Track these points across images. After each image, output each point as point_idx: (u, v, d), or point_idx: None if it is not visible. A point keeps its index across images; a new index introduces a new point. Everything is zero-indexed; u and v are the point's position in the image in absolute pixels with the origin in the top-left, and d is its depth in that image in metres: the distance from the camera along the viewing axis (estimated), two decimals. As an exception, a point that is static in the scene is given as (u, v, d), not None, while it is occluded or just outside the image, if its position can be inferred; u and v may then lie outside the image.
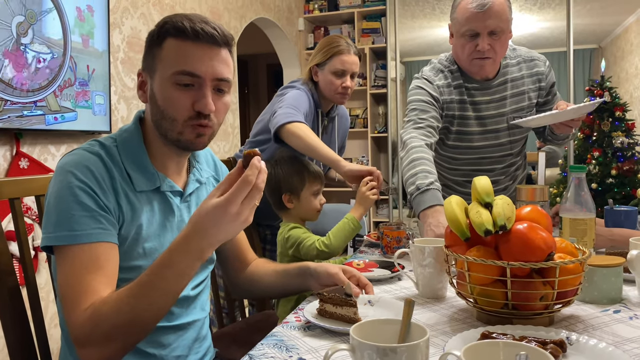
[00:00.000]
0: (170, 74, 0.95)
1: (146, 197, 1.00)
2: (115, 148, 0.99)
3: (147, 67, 1.01)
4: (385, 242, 1.55)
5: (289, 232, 1.58)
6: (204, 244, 0.84)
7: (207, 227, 0.82)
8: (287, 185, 1.63)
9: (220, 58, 0.98)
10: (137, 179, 0.99)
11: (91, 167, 0.93)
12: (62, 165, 0.95)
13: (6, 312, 1.01)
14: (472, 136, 1.78)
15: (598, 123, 4.40)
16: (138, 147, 1.01)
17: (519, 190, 1.39)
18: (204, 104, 0.96)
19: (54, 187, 0.93)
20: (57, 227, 0.89)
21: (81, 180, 0.91)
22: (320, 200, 1.65)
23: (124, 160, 0.99)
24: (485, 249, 0.95)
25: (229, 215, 0.81)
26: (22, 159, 2.11)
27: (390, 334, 0.67)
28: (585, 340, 0.80)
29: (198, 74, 0.95)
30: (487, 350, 0.60)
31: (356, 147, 5.26)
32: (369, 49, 4.91)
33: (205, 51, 0.96)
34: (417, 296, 1.14)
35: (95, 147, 0.98)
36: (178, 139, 0.99)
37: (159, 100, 0.97)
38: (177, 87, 0.96)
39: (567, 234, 1.24)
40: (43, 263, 2.15)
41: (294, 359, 0.83)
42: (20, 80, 2.03)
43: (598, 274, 1.04)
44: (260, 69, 7.63)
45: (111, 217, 0.94)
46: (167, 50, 0.97)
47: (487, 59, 1.67)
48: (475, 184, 1.01)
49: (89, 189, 0.91)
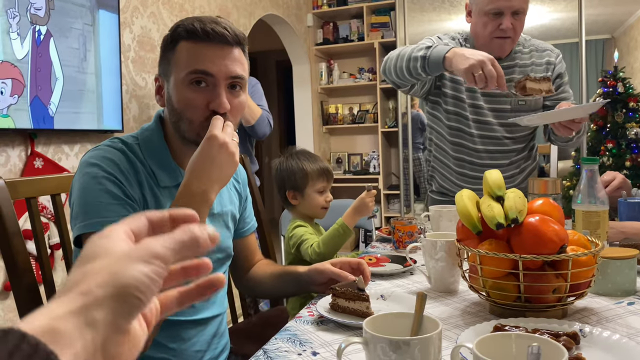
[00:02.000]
0: (184, 74, 0.97)
1: (169, 193, 1.02)
2: (137, 146, 1.02)
3: (163, 72, 1.03)
4: (397, 236, 1.55)
5: (293, 231, 1.58)
6: (204, 183, 0.89)
7: (200, 165, 0.89)
8: (291, 182, 1.63)
9: (233, 57, 0.99)
10: (160, 175, 1.01)
11: (115, 160, 0.96)
12: (86, 159, 0.97)
13: (25, 308, 1.03)
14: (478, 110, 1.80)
15: (611, 114, 4.35)
16: (160, 144, 1.04)
17: (531, 183, 1.38)
18: (219, 103, 0.97)
19: (79, 181, 0.95)
20: (86, 216, 0.92)
21: (106, 171, 0.94)
22: (327, 197, 1.65)
23: (147, 157, 1.01)
24: (497, 242, 0.95)
25: (215, 146, 0.89)
26: (36, 159, 2.14)
27: (403, 327, 0.67)
28: (599, 332, 0.80)
29: (211, 72, 0.97)
30: (499, 342, 0.60)
31: (367, 142, 5.25)
32: (379, 43, 4.89)
33: (216, 51, 0.97)
34: (430, 290, 1.14)
35: (118, 144, 1.01)
36: (195, 141, 1.00)
37: (175, 103, 0.99)
38: (191, 88, 0.97)
39: (580, 226, 1.24)
40: (59, 261, 2.18)
41: (307, 352, 0.84)
42: (33, 79, 2.05)
43: (612, 266, 1.04)
44: (270, 65, 7.64)
45: (137, 206, 0.96)
46: (180, 52, 0.99)
47: (507, 39, 1.71)
48: (486, 177, 1.01)
49: (115, 179, 0.94)
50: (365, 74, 5.09)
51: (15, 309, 1.49)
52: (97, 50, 2.36)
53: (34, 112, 2.05)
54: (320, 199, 1.63)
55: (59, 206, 1.18)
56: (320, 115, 5.22)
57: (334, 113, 5.26)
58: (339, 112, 5.26)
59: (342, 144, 5.36)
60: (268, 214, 1.82)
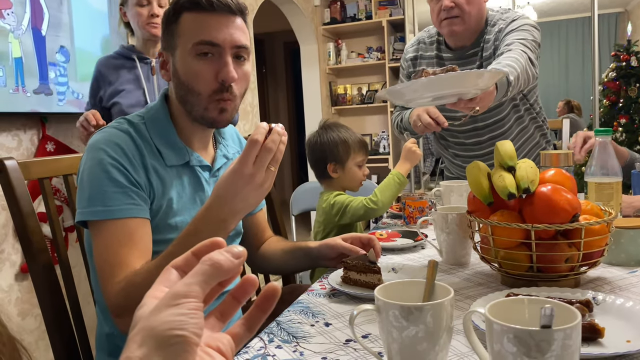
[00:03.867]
0: (190, 46, 0.97)
1: (176, 172, 1.02)
2: (143, 125, 1.02)
3: (167, 46, 1.02)
4: (407, 212, 1.55)
5: (335, 199, 1.57)
6: (225, 213, 0.85)
7: (225, 193, 0.84)
8: (333, 155, 1.61)
9: (237, 25, 0.99)
10: (167, 154, 1.01)
11: (121, 144, 0.96)
12: (92, 142, 0.97)
13: (42, 288, 1.05)
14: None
15: (625, 89, 4.29)
16: (166, 123, 1.03)
17: (543, 156, 1.37)
18: (227, 72, 0.96)
19: (86, 164, 0.96)
20: (90, 202, 0.92)
21: (112, 157, 0.94)
22: (364, 171, 1.65)
23: (153, 137, 1.01)
24: (509, 212, 0.95)
25: (243, 179, 0.82)
26: (48, 142, 2.16)
27: (415, 295, 0.67)
28: (612, 300, 0.80)
29: (217, 42, 0.96)
30: (512, 307, 0.60)
31: (376, 122, 5.22)
32: (387, 21, 4.83)
33: (221, 20, 0.97)
34: (441, 263, 1.14)
35: (124, 125, 1.00)
36: (202, 116, 1.00)
37: (182, 76, 0.99)
38: (198, 59, 0.97)
39: (593, 199, 1.22)
40: (73, 243, 2.21)
41: (320, 324, 0.85)
42: (41, 64, 2.06)
43: (625, 236, 1.03)
44: (277, 47, 7.59)
45: (142, 192, 0.96)
46: (184, 24, 0.98)
47: (454, 18, 1.62)
48: (498, 148, 1.00)
49: (120, 166, 0.94)
50: (373, 53, 5.04)
51: (32, 290, 1.52)
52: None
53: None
54: (359, 172, 1.64)
55: (71, 187, 1.20)
56: (329, 96, 5.19)
57: (343, 93, 5.23)
58: (347, 92, 5.23)
59: (352, 124, 5.30)
60: (279, 195, 1.82)
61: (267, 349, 0.77)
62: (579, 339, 0.53)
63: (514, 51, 1.45)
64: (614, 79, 4.36)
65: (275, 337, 0.81)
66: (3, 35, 1.91)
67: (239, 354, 0.75)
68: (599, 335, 0.69)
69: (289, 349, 0.76)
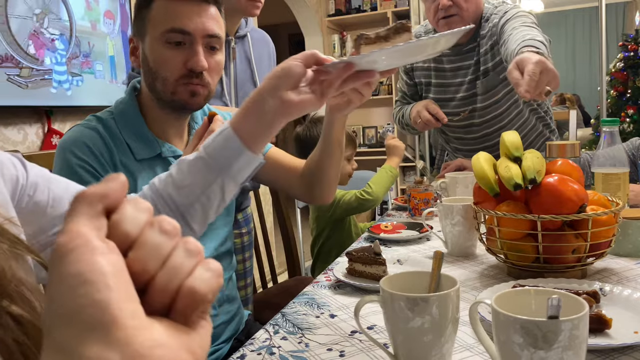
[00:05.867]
0: (160, 33, 0.94)
1: (148, 165, 1.00)
2: (112, 120, 1.00)
3: (138, 32, 1.00)
4: (412, 204, 1.54)
5: None
6: None
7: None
8: None
9: (210, 14, 0.96)
10: (137, 148, 0.99)
11: (88, 143, 0.94)
12: (61, 143, 0.96)
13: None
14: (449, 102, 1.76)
15: (632, 79, 4.24)
16: (135, 116, 1.02)
17: (549, 147, 1.36)
18: (196, 61, 0.94)
19: (56, 167, 0.95)
20: None
21: (80, 158, 0.93)
22: (352, 165, 1.66)
23: (122, 131, 0.99)
24: (515, 203, 0.94)
25: None
26: (54, 136, 2.16)
27: (421, 286, 0.67)
28: (619, 291, 0.79)
29: (188, 30, 0.94)
30: (518, 298, 0.60)
31: (382, 114, 5.20)
32: (392, 12, 4.80)
33: (193, 8, 0.95)
34: (447, 255, 1.14)
35: (93, 122, 0.99)
36: (172, 99, 0.98)
37: (151, 62, 0.97)
38: (168, 46, 0.95)
39: (600, 189, 1.21)
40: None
41: (325, 315, 0.85)
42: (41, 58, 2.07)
43: (633, 227, 1.02)
44: (282, 39, 7.56)
45: None
46: (155, 10, 0.96)
47: (452, 17, 1.58)
48: (503, 138, 1.00)
49: (89, 166, 0.93)
50: (378, 44, 5.01)
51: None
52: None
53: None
54: (348, 166, 1.64)
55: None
56: (334, 89, 5.17)
57: (348, 86, 5.21)
58: (352, 84, 5.21)
59: (357, 116, 5.32)
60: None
61: (272, 340, 0.77)
62: (586, 329, 0.52)
63: (521, 27, 1.41)
64: (621, 70, 4.32)
65: (281, 329, 0.81)
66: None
67: (245, 345, 0.76)
68: (606, 327, 0.69)
69: (294, 340, 0.76)
